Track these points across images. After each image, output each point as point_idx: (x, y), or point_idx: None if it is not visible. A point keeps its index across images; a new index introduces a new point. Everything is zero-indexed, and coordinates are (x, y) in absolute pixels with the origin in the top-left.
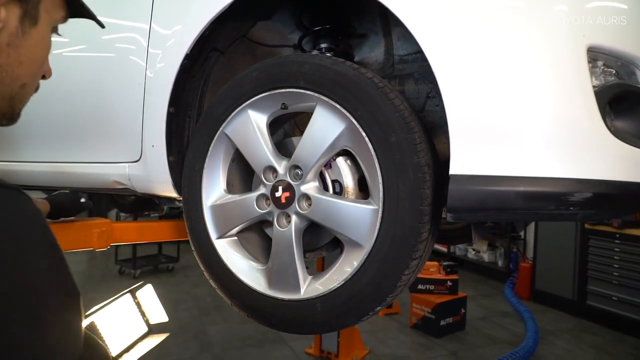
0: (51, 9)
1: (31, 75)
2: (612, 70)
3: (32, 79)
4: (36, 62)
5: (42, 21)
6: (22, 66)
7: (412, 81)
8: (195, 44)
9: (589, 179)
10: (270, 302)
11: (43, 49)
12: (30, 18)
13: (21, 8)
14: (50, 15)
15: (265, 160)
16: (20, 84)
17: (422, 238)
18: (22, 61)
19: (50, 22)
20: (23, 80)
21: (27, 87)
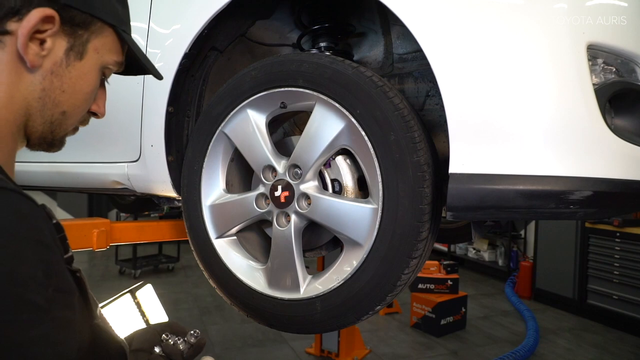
0: (101, 50)
1: (72, 105)
2: (612, 68)
3: (74, 109)
4: (78, 94)
5: (89, 58)
6: (64, 94)
7: (411, 80)
8: (194, 43)
9: (589, 177)
10: (270, 301)
11: (87, 83)
12: (76, 52)
13: (68, 42)
14: (100, 55)
15: (264, 159)
16: (61, 110)
17: (422, 237)
18: (64, 90)
19: (99, 61)
20: (63, 107)
21: (67, 115)
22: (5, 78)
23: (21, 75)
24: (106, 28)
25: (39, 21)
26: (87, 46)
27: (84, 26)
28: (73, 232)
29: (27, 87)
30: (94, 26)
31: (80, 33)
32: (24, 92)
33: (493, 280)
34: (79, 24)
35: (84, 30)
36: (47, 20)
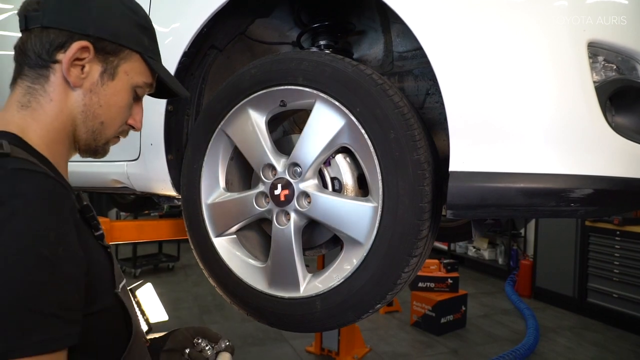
0: (131, 72)
1: (109, 117)
2: (613, 66)
3: (110, 120)
4: (113, 107)
5: (120, 79)
6: (101, 108)
7: (411, 78)
8: (193, 41)
9: (589, 175)
10: (270, 300)
11: (120, 99)
12: (109, 74)
13: (102, 66)
14: (130, 77)
15: (264, 158)
16: (100, 121)
17: (422, 235)
18: (101, 104)
19: (130, 82)
20: (101, 119)
21: (105, 125)
22: (56, 96)
23: (67, 94)
24: (134, 54)
25: (77, 51)
26: (117, 69)
27: (114, 53)
28: None
29: (72, 103)
30: (122, 53)
31: (112, 59)
32: (70, 106)
33: (493, 278)
34: (110, 52)
35: (114, 57)
36: (84, 50)
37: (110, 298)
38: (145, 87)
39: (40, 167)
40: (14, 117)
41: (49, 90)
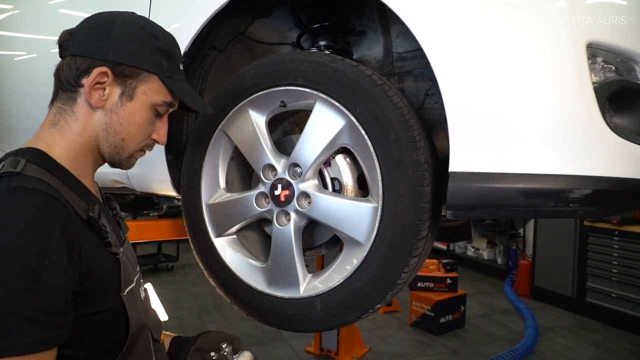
0: (149, 92)
1: (129, 133)
2: (612, 67)
3: (131, 136)
4: (132, 125)
5: (138, 99)
6: (121, 126)
7: (411, 78)
8: (194, 42)
9: (588, 175)
10: (270, 300)
11: (138, 117)
12: (127, 96)
13: (121, 89)
14: (148, 97)
15: (264, 158)
16: (121, 137)
17: (422, 235)
18: (121, 123)
19: (148, 101)
20: (122, 135)
21: (126, 141)
22: (81, 116)
23: (91, 114)
24: (151, 76)
25: (97, 76)
26: (136, 90)
27: (132, 76)
28: None
29: (95, 122)
30: (140, 75)
31: (130, 81)
32: (93, 125)
33: (492, 278)
34: (128, 75)
35: (132, 79)
36: (103, 75)
37: (116, 300)
38: (165, 105)
39: (40, 184)
40: (45, 134)
41: (75, 111)
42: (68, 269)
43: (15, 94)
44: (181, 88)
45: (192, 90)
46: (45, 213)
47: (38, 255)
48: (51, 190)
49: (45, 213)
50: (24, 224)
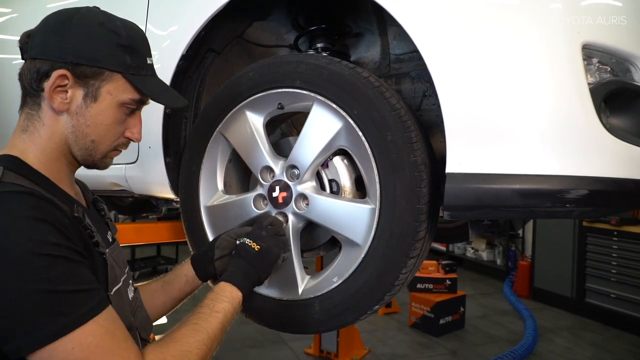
0: (114, 91)
1: (98, 134)
2: (607, 68)
3: (100, 137)
4: (100, 126)
5: (103, 99)
6: (89, 127)
7: (408, 80)
8: (191, 44)
9: (584, 176)
10: (269, 302)
11: (106, 118)
12: (91, 97)
13: (84, 90)
14: (114, 96)
15: (262, 160)
16: (90, 139)
17: (420, 236)
18: (88, 124)
19: (114, 100)
20: (92, 137)
21: (96, 142)
22: (47, 120)
23: (57, 118)
24: (115, 74)
25: (57, 79)
26: (100, 91)
27: (94, 76)
28: None
29: (62, 126)
30: (102, 75)
31: (92, 82)
32: (61, 129)
33: (491, 279)
34: (89, 76)
35: (94, 80)
36: (63, 77)
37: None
38: (134, 102)
39: (23, 187)
40: (17, 140)
41: (41, 116)
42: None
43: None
44: (149, 84)
45: (162, 84)
46: (39, 209)
47: (49, 243)
48: (35, 192)
49: (39, 209)
50: (23, 221)
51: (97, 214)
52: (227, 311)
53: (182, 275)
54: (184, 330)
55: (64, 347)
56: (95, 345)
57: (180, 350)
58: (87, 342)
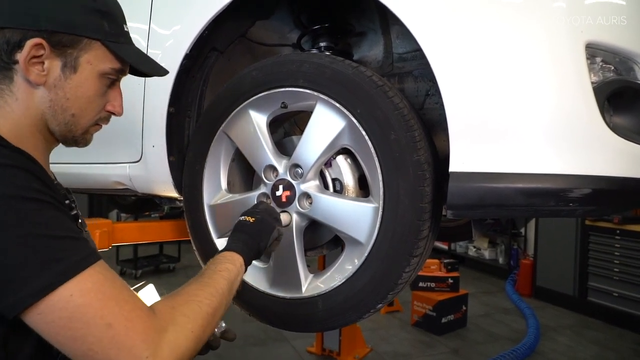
0: (94, 61)
1: (79, 108)
2: (611, 66)
3: (81, 111)
4: (81, 99)
5: (83, 69)
6: (69, 101)
7: (411, 79)
8: (195, 44)
9: (588, 175)
10: (272, 300)
11: (87, 89)
12: (70, 67)
13: (61, 60)
14: (94, 66)
15: (265, 159)
16: (70, 113)
17: (423, 235)
18: (68, 97)
19: (95, 70)
20: (72, 111)
21: (76, 116)
22: (21, 95)
23: (32, 92)
24: (94, 42)
25: (32, 49)
26: (78, 60)
27: (72, 45)
28: None
29: (38, 100)
30: (81, 44)
31: (70, 52)
32: (37, 103)
33: (494, 278)
34: (66, 45)
35: (72, 49)
36: (38, 47)
37: None
38: (114, 72)
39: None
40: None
41: (14, 90)
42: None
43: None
44: (129, 52)
45: (142, 52)
46: (18, 160)
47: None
48: (11, 146)
49: (19, 160)
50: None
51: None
52: (231, 270)
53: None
54: (190, 286)
55: (61, 297)
56: (96, 291)
57: (189, 300)
58: (86, 287)
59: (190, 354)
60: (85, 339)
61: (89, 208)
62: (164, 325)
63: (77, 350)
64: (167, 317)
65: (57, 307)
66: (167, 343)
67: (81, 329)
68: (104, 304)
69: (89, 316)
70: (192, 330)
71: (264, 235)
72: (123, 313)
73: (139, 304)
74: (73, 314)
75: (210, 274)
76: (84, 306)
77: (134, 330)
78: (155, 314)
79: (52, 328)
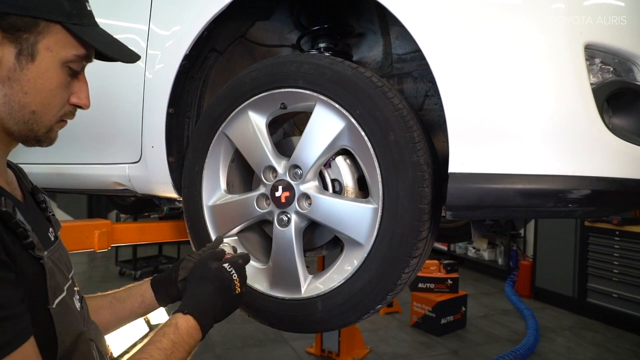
0: (54, 47)
1: (40, 103)
2: (610, 68)
3: (43, 107)
4: (42, 92)
5: (42, 57)
6: (27, 96)
7: (410, 80)
8: (194, 44)
9: (587, 176)
10: (271, 301)
11: (48, 81)
12: (26, 55)
13: (15, 47)
14: (54, 53)
15: (265, 160)
16: (30, 110)
17: (422, 236)
18: (26, 92)
19: (56, 58)
20: (31, 107)
21: (37, 113)
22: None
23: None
24: (53, 25)
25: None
26: (36, 47)
27: (27, 29)
28: (74, 233)
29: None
30: (38, 27)
31: (26, 37)
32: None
33: (493, 279)
34: (21, 29)
35: (28, 34)
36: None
37: (45, 315)
38: (78, 59)
39: None
40: None
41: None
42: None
43: None
44: (94, 35)
45: (108, 35)
46: None
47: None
48: None
49: None
50: None
51: (35, 208)
52: (176, 342)
53: (138, 296)
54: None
55: None
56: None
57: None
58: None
59: None
60: None
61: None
62: None
63: None
64: None
65: None
66: None
67: None
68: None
69: None
70: None
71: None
72: None
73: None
74: None
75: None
76: None
77: None
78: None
79: None
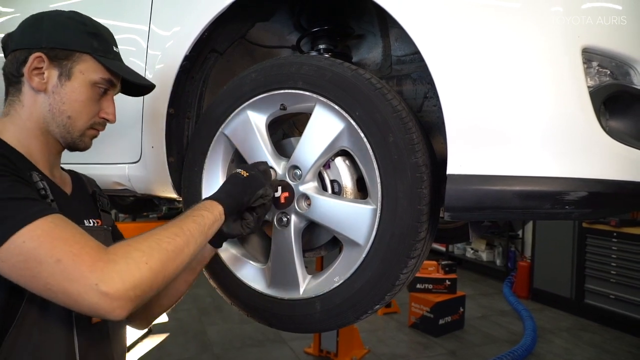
0: (85, 71)
1: (74, 111)
2: (607, 71)
3: (76, 114)
4: (75, 102)
5: (76, 77)
6: (65, 104)
7: (409, 82)
8: (194, 45)
9: (584, 178)
10: (270, 301)
11: (79, 94)
12: (65, 76)
13: (58, 70)
14: (85, 75)
15: (264, 160)
16: (66, 116)
17: (420, 237)
18: (64, 102)
19: (86, 79)
20: (67, 113)
21: (72, 118)
22: (26, 101)
23: (35, 98)
24: (84, 55)
25: (34, 61)
26: (72, 70)
27: (66, 58)
28: None
29: (40, 105)
30: (73, 56)
31: (65, 63)
32: (39, 108)
33: (491, 280)
34: (62, 58)
35: (67, 61)
36: (39, 60)
37: None
38: (104, 82)
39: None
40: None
41: (22, 99)
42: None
43: None
44: (116, 64)
45: (130, 69)
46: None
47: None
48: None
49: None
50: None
51: (90, 202)
52: (205, 217)
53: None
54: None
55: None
56: (46, 235)
57: (147, 238)
58: (36, 233)
59: (146, 284)
60: (40, 275)
61: None
62: (114, 258)
63: (38, 286)
64: (120, 252)
65: (14, 252)
66: (116, 272)
67: (36, 268)
68: (53, 245)
69: (40, 256)
70: (146, 262)
71: (250, 190)
72: (72, 250)
73: (90, 243)
74: (27, 256)
75: (182, 217)
76: (35, 248)
77: (82, 263)
78: (108, 251)
79: (14, 271)
